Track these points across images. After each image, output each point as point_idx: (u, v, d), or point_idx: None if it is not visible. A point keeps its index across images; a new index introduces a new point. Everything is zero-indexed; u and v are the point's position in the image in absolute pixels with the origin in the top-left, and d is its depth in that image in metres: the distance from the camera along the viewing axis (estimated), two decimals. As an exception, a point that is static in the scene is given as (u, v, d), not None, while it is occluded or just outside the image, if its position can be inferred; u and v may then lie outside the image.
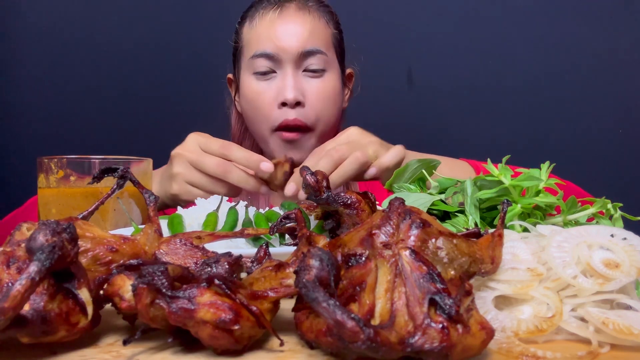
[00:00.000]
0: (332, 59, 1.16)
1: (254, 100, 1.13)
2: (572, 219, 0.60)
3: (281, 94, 1.09)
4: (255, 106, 1.13)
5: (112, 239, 0.48)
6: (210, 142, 0.93)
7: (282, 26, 1.12)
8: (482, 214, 0.64)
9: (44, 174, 0.80)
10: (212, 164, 0.91)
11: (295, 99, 1.08)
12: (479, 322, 0.35)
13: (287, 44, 1.10)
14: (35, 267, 0.34)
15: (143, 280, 0.36)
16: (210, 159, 0.91)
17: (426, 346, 0.33)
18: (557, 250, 0.46)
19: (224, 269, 0.40)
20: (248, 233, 0.58)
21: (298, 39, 1.11)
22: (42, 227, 0.36)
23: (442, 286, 0.36)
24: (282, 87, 1.09)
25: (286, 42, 1.10)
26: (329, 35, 1.17)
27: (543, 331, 0.40)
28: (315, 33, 1.13)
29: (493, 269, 0.43)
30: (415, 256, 0.38)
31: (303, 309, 0.40)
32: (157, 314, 0.37)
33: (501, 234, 0.46)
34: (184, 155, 0.93)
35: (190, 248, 0.51)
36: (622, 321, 0.39)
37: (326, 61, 1.13)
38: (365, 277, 0.38)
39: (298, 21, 1.13)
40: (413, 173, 0.75)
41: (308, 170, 0.59)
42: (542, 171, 0.62)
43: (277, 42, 1.10)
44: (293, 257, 0.45)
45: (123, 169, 0.56)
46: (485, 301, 0.43)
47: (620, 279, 0.43)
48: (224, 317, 0.36)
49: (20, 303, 0.33)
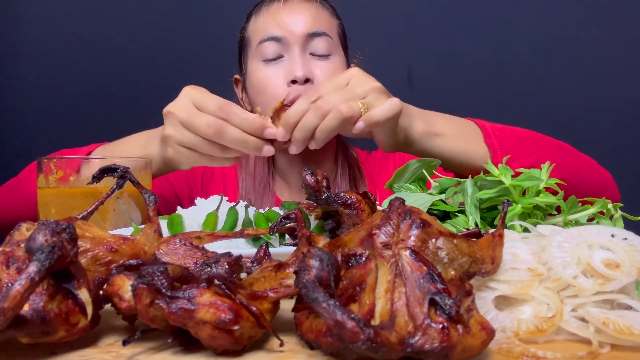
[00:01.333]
0: (337, 45, 1.18)
1: (263, 84, 1.13)
2: (573, 219, 0.60)
3: (290, 73, 1.09)
4: (265, 90, 1.13)
5: (111, 239, 0.48)
6: (206, 99, 0.82)
7: (288, 13, 1.15)
8: (483, 214, 0.64)
9: (43, 174, 0.80)
10: (204, 124, 0.80)
11: (304, 76, 1.08)
12: (479, 322, 0.35)
13: (294, 27, 1.12)
14: (34, 267, 0.34)
15: (143, 280, 0.36)
16: (202, 119, 0.80)
17: (426, 346, 0.33)
18: (557, 250, 0.45)
19: (224, 269, 0.40)
20: (248, 233, 0.58)
21: (304, 22, 1.13)
22: (41, 227, 0.36)
23: (443, 286, 0.36)
24: (291, 67, 1.10)
25: (292, 26, 1.12)
26: (334, 24, 1.20)
27: (543, 331, 0.40)
28: (320, 18, 1.15)
29: (493, 269, 0.43)
30: (416, 256, 0.38)
31: (303, 309, 0.40)
32: (157, 314, 0.37)
33: (501, 234, 0.46)
34: (175, 115, 0.82)
35: (190, 248, 0.51)
36: (622, 321, 0.39)
37: (332, 45, 1.14)
38: (365, 277, 0.38)
39: (303, 7, 1.16)
40: (413, 173, 0.75)
41: (308, 171, 0.59)
42: (542, 171, 0.62)
43: (283, 26, 1.12)
44: (293, 257, 0.45)
45: (123, 169, 0.56)
46: (485, 301, 0.43)
47: (620, 279, 0.43)
48: (224, 318, 0.36)
49: (19, 303, 0.33)
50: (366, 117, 0.81)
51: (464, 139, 0.94)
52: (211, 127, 0.79)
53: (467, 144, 0.94)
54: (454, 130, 0.94)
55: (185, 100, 0.83)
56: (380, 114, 0.82)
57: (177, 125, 0.83)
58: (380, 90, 0.86)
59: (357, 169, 1.27)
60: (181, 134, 0.82)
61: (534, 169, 0.63)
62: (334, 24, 1.20)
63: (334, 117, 0.79)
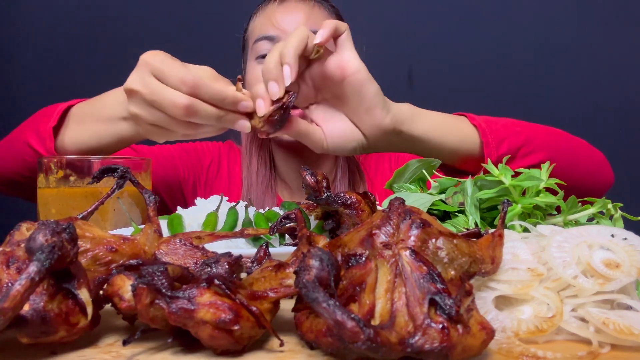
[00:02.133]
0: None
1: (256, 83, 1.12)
2: (573, 219, 0.60)
3: None
4: None
5: (111, 239, 0.48)
6: (166, 69, 0.71)
7: (283, 12, 1.15)
8: (483, 214, 0.64)
9: (43, 174, 0.80)
10: (170, 103, 0.70)
11: None
12: (479, 322, 0.35)
13: (287, 27, 1.12)
14: (34, 267, 0.34)
15: (143, 280, 0.36)
16: (168, 97, 0.70)
17: (426, 346, 0.33)
18: (557, 250, 0.45)
19: (224, 269, 0.40)
20: (248, 233, 0.58)
21: (298, 22, 1.13)
22: (41, 227, 0.36)
23: (442, 286, 0.36)
24: None
25: (286, 25, 1.12)
26: None
27: (543, 331, 0.40)
28: (315, 17, 1.15)
29: (493, 269, 0.43)
30: (416, 256, 0.38)
31: (303, 309, 0.40)
32: (157, 314, 0.37)
33: (501, 234, 0.46)
34: (137, 93, 0.72)
35: (190, 248, 0.51)
36: (622, 321, 0.39)
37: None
38: (365, 277, 0.38)
39: (298, 7, 1.16)
40: (413, 173, 0.75)
41: (308, 171, 0.59)
42: (542, 171, 0.62)
43: (277, 26, 1.13)
44: (293, 257, 0.45)
45: (123, 169, 0.56)
46: (485, 301, 0.43)
47: (620, 279, 0.43)
48: (224, 318, 0.36)
49: (19, 303, 0.33)
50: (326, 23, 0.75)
51: (451, 121, 0.90)
52: (178, 107, 0.69)
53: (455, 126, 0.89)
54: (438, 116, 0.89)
55: (143, 73, 0.72)
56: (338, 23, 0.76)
57: (142, 104, 0.73)
58: None
59: (357, 170, 1.27)
60: (149, 112, 0.73)
61: (533, 169, 0.63)
62: None
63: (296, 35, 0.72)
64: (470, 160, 0.90)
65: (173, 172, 1.22)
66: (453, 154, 0.89)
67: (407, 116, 0.83)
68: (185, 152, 1.26)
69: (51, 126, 0.87)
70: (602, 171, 1.02)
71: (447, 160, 0.90)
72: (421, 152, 0.86)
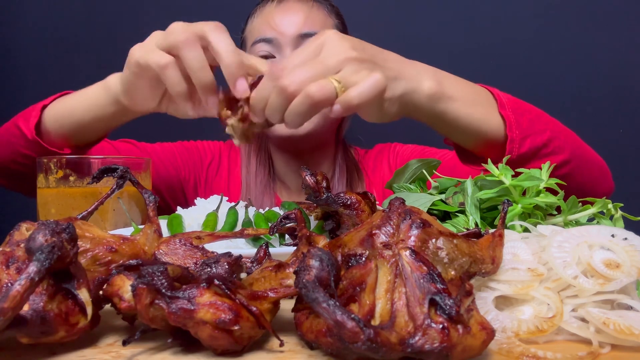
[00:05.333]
0: None
1: None
2: (573, 219, 0.60)
3: None
4: None
5: (111, 239, 0.48)
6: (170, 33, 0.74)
7: (280, 14, 1.14)
8: (483, 214, 0.64)
9: (43, 174, 0.80)
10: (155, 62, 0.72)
11: None
12: (480, 322, 0.35)
13: (285, 29, 1.12)
14: (34, 268, 0.34)
15: (142, 280, 0.36)
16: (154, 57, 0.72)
17: (426, 346, 0.32)
18: (557, 250, 0.45)
19: (224, 269, 0.40)
20: (248, 233, 0.58)
21: (295, 23, 1.12)
22: (41, 227, 0.36)
23: (443, 286, 0.36)
24: None
25: (284, 27, 1.12)
26: (330, 24, 1.18)
27: (544, 331, 0.40)
28: (313, 18, 1.14)
29: (493, 269, 0.43)
30: (416, 256, 0.38)
31: (303, 309, 0.40)
32: (157, 315, 0.37)
33: (502, 234, 0.46)
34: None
35: (189, 248, 0.51)
36: (622, 321, 0.39)
37: None
38: (366, 278, 0.38)
39: (296, 8, 1.15)
40: (413, 173, 0.75)
41: (307, 172, 0.59)
42: (542, 171, 0.62)
43: (275, 28, 1.12)
44: (293, 258, 0.45)
45: (122, 169, 0.56)
46: (485, 301, 0.43)
47: (621, 279, 0.43)
48: (224, 318, 0.36)
49: (19, 303, 0.33)
50: (343, 101, 0.64)
51: (480, 106, 0.81)
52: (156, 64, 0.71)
53: (483, 112, 0.81)
54: (468, 95, 0.80)
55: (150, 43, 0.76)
56: (358, 95, 0.64)
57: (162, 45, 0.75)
58: (358, 60, 0.67)
59: (356, 169, 1.27)
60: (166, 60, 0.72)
61: (534, 169, 0.63)
62: (330, 23, 1.19)
63: (302, 102, 0.63)
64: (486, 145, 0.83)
65: (174, 170, 1.22)
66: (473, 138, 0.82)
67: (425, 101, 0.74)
68: (186, 150, 1.26)
69: (39, 107, 0.90)
70: (604, 179, 1.01)
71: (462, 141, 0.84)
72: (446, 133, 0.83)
